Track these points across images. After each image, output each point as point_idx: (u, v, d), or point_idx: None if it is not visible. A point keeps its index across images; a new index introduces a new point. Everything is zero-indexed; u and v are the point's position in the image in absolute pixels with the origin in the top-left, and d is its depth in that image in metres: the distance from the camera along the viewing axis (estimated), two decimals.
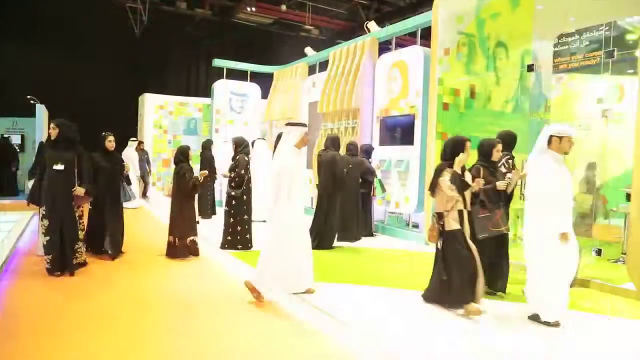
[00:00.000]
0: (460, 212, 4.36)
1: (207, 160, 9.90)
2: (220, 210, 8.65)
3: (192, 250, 6.49)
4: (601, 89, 8.63)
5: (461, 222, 4.34)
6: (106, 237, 6.09)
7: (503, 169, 5.57)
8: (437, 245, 4.48)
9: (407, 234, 8.26)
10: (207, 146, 10.01)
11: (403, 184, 8.23)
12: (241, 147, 6.90)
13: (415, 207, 8.06)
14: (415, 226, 8.53)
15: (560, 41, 8.62)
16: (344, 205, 7.82)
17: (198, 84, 17.38)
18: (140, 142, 13.31)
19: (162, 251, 6.49)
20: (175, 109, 14.87)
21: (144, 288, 5.02)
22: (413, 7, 14.96)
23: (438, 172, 4.45)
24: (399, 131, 8.59)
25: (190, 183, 6.30)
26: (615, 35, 7.71)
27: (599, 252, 6.79)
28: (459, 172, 4.42)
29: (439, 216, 4.40)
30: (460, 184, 4.36)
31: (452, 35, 7.81)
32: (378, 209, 8.95)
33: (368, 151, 8.33)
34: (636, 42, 7.73)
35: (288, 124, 4.90)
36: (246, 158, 6.84)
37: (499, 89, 8.59)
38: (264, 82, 13.81)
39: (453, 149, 4.49)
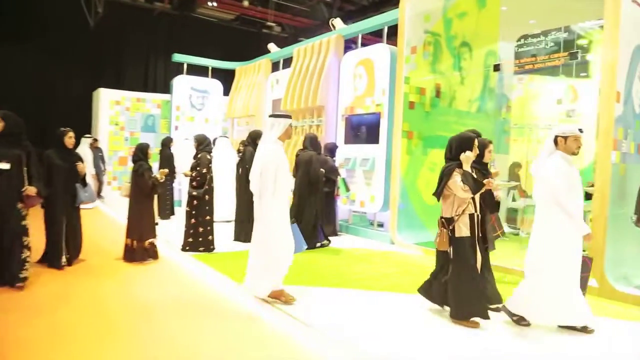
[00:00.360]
0: (472, 216, 4.03)
1: (167, 159, 9.54)
2: (180, 211, 8.34)
3: (151, 253, 6.19)
4: (559, 91, 8.84)
5: (472, 228, 4.01)
6: (63, 244, 5.53)
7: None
8: (446, 251, 4.12)
9: (372, 234, 8.18)
10: (166, 144, 9.64)
11: (368, 182, 8.15)
12: (203, 145, 6.63)
13: (380, 207, 7.98)
14: (380, 225, 8.47)
15: (521, 43, 8.77)
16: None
17: (156, 80, 16.81)
18: (95, 140, 12.75)
19: (119, 254, 6.15)
20: (133, 105, 14.32)
21: (102, 297, 4.66)
22: (376, 6, 14.93)
23: (447, 174, 4.06)
24: (364, 130, 8.50)
25: (150, 182, 6.00)
26: (569, 39, 7.90)
27: None
28: (469, 170, 4.09)
29: (448, 221, 4.09)
30: (474, 184, 3.98)
31: (418, 33, 7.78)
32: (342, 208, 8.84)
33: (332, 150, 8.19)
34: (588, 47, 7.94)
35: (271, 116, 4.61)
36: (208, 156, 6.58)
37: (463, 89, 8.64)
38: (226, 78, 13.50)
39: (460, 146, 4.13)
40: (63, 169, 5.52)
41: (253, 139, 7.38)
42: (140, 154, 6.10)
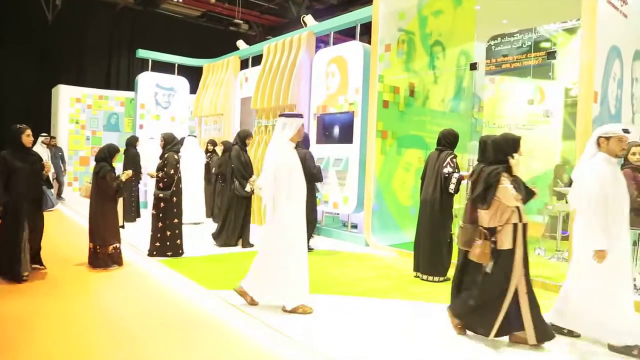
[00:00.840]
0: (515, 227, 3.61)
1: (132, 158, 9.13)
2: (146, 213, 7.98)
3: (115, 259, 5.85)
4: (528, 91, 8.90)
5: (514, 239, 3.60)
6: (26, 254, 4.99)
7: (449, 169, 5.46)
8: (485, 265, 3.71)
9: (346, 235, 8.02)
10: (131, 143, 9.22)
11: (342, 183, 7.98)
12: (170, 144, 6.30)
13: (354, 208, 7.82)
14: (354, 227, 8.31)
15: (493, 42, 8.77)
16: None
17: (119, 77, 16.22)
18: (52, 138, 12.15)
19: (81, 260, 5.80)
20: (94, 103, 13.75)
21: (68, 314, 4.29)
22: (345, 5, 14.79)
23: (494, 178, 3.59)
24: (335, 130, 8.32)
25: (114, 185, 5.65)
26: (540, 40, 7.95)
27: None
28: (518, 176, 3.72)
29: (490, 232, 3.67)
30: (526, 193, 3.63)
31: (392, 31, 7.66)
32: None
33: (306, 141, 7.86)
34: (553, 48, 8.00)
35: (282, 115, 4.33)
36: (176, 156, 6.26)
37: (437, 88, 8.58)
38: (193, 76, 13.11)
39: (502, 148, 3.70)
40: (23, 171, 4.96)
41: (242, 139, 7.16)
42: (107, 154, 5.74)
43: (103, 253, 5.74)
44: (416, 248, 5.69)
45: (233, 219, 7.03)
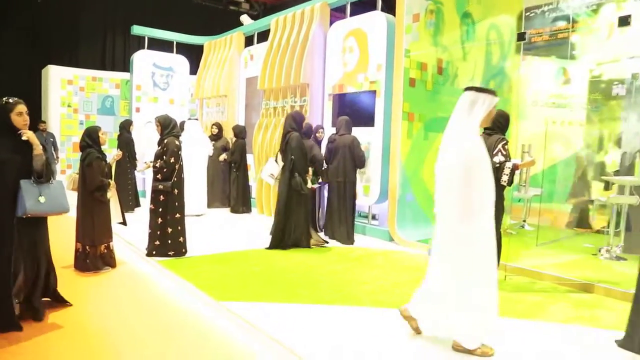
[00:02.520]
0: None
1: (126, 144, 8.30)
2: (146, 203, 7.14)
3: (107, 260, 5.06)
4: (560, 70, 8.05)
5: None
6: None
7: (500, 157, 4.62)
8: None
9: (367, 229, 7.22)
10: (125, 127, 8.38)
11: (362, 171, 7.12)
12: (169, 128, 5.44)
13: (377, 198, 7.00)
14: (374, 218, 7.49)
15: (527, 15, 7.88)
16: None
17: (114, 57, 15.26)
18: (42, 122, 11.31)
19: (68, 262, 5.01)
20: (88, 85, 12.82)
21: (43, 327, 3.53)
22: None
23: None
24: (353, 111, 7.47)
25: (97, 180, 4.80)
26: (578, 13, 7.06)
27: None
28: None
29: None
30: None
31: (420, 0, 6.77)
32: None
33: (307, 132, 7.05)
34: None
35: (470, 89, 3.23)
36: (177, 142, 5.42)
37: (465, 65, 7.71)
38: (192, 55, 12.19)
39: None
40: (12, 164, 3.36)
41: (299, 124, 6.28)
42: (88, 139, 4.89)
43: (93, 254, 4.95)
44: None
45: (294, 218, 6.19)
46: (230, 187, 9.10)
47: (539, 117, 7.73)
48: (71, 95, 12.61)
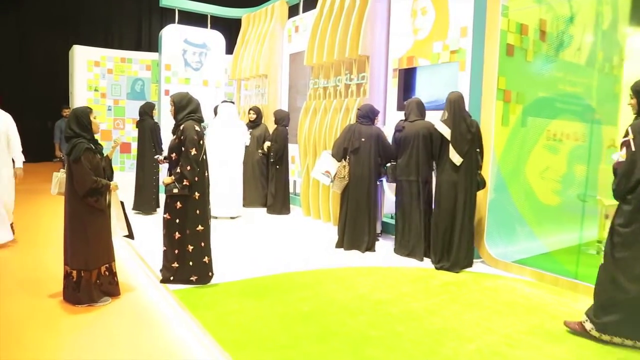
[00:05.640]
0: None
1: (149, 132, 6.99)
2: None
3: (105, 288, 3.75)
4: None
5: None
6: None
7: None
8: None
9: None
10: (147, 111, 7.05)
11: None
12: (186, 110, 4.00)
13: None
14: None
15: None
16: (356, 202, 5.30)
17: (150, 36, 14.13)
18: (67, 108, 10.26)
19: (56, 288, 3.75)
20: (116, 67, 11.66)
21: None
22: None
23: None
24: (426, 91, 5.88)
25: (88, 179, 3.48)
26: None
27: None
28: None
29: None
30: None
31: None
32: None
33: (369, 115, 5.60)
34: None
35: None
36: (197, 127, 3.98)
37: (572, 30, 5.95)
38: (229, 30, 10.81)
39: None
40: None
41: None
42: (76, 127, 3.54)
43: (86, 281, 3.64)
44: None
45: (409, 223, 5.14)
46: (269, 183, 7.70)
47: None
48: (98, 78, 11.46)
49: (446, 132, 4.75)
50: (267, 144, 7.66)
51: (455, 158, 4.69)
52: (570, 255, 4.82)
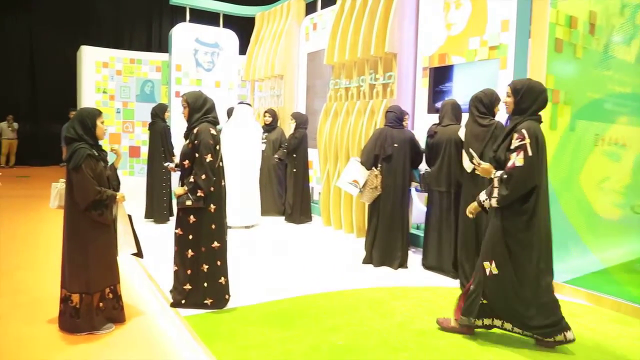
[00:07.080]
0: None
1: (160, 136, 6.54)
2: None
3: (109, 313, 3.29)
4: None
5: None
6: None
7: None
8: None
9: None
10: (158, 114, 6.60)
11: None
12: (201, 111, 3.52)
13: None
14: None
15: None
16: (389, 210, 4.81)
17: (161, 36, 13.76)
18: (73, 110, 9.86)
19: (53, 313, 3.29)
20: (125, 68, 11.26)
21: None
22: None
23: None
24: (461, 92, 5.38)
25: (92, 188, 3.03)
26: None
27: None
28: None
29: None
30: None
31: None
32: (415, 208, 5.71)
33: (398, 119, 5.11)
34: None
35: None
36: (212, 131, 3.50)
37: (621, 23, 5.42)
38: (242, 29, 10.37)
39: None
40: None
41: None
42: (79, 128, 3.09)
43: (87, 307, 3.17)
44: None
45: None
46: (287, 189, 7.23)
47: None
48: (107, 80, 11.08)
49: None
50: (279, 154, 7.16)
51: (466, 164, 4.21)
52: (630, 274, 4.29)
